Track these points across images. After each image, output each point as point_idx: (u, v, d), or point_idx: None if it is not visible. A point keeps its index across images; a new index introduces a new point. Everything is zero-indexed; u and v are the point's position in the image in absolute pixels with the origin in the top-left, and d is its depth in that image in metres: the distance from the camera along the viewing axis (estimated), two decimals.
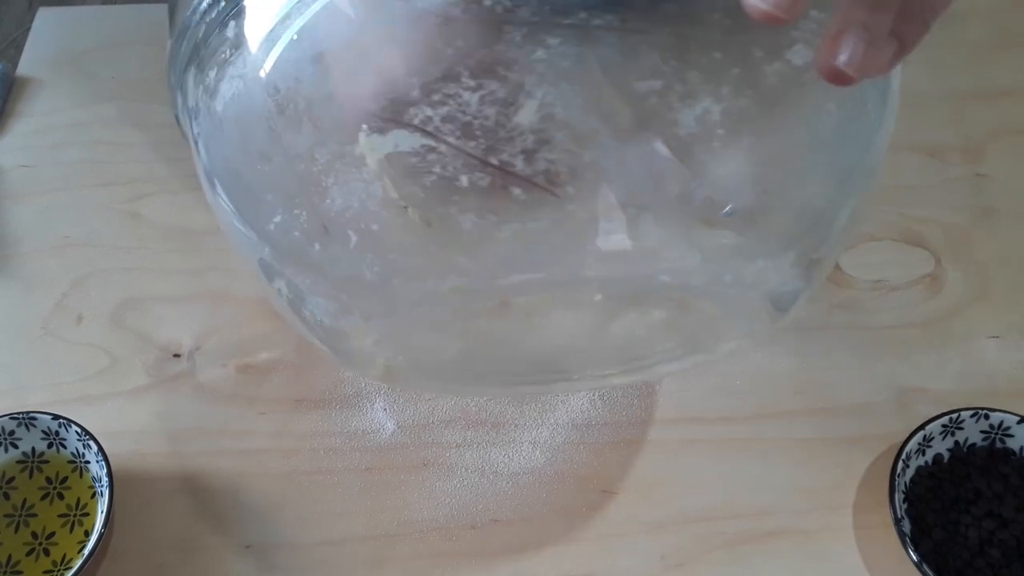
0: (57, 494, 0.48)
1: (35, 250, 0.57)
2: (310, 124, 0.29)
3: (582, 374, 0.38)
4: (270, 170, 0.31)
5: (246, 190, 0.32)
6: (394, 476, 0.49)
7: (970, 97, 0.63)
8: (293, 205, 0.31)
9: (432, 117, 0.27)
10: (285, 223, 0.31)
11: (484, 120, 0.27)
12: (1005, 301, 0.54)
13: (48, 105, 0.64)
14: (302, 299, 0.33)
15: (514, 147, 0.27)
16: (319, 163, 0.29)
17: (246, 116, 0.31)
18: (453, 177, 0.27)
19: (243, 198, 0.33)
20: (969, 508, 0.45)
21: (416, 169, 0.27)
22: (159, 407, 0.51)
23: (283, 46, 0.30)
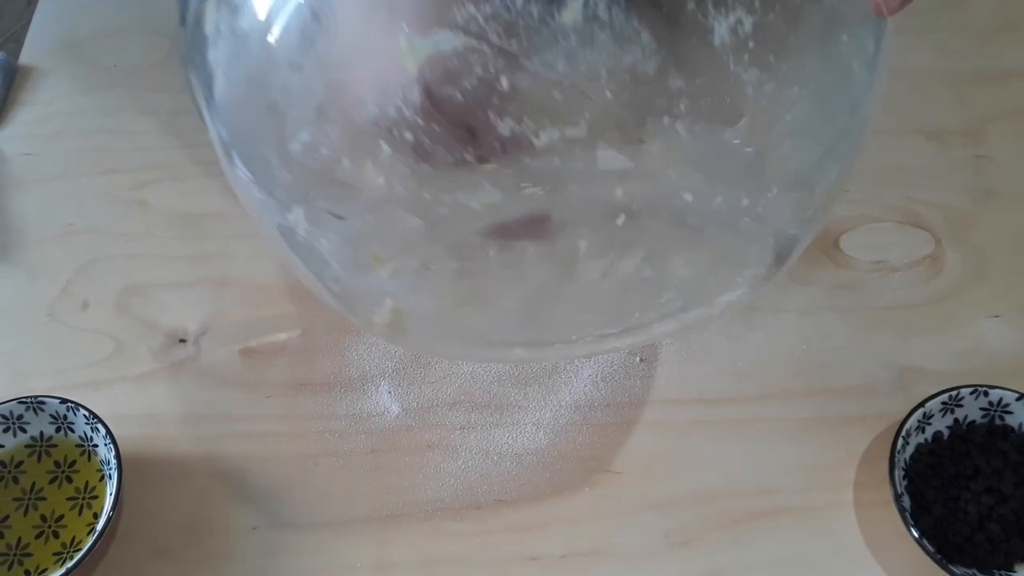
0: (66, 477, 0.48)
1: (39, 237, 0.58)
2: (347, 28, 0.29)
3: (580, 334, 0.38)
4: (300, 80, 0.30)
5: (271, 113, 0.31)
6: (399, 458, 0.49)
7: (971, 80, 0.63)
8: (324, 117, 0.30)
9: (475, 16, 0.27)
10: (314, 140, 0.30)
11: (528, 19, 0.27)
12: (1005, 281, 0.55)
13: (50, 93, 0.64)
14: (318, 236, 0.33)
15: (556, 49, 0.27)
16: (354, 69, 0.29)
17: (276, 27, 0.30)
18: (494, 79, 0.27)
19: (265, 130, 0.32)
20: (969, 484, 0.46)
21: (456, 72, 0.27)
22: (165, 392, 0.52)
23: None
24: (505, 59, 0.27)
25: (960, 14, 0.66)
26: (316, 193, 0.32)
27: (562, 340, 0.38)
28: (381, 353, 0.53)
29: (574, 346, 0.40)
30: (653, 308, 0.37)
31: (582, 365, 0.52)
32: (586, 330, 0.38)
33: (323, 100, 0.30)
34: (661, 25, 0.27)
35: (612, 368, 0.52)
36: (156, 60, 0.66)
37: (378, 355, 0.53)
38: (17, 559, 0.46)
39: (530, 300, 0.35)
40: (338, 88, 0.30)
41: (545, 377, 0.52)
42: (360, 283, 0.35)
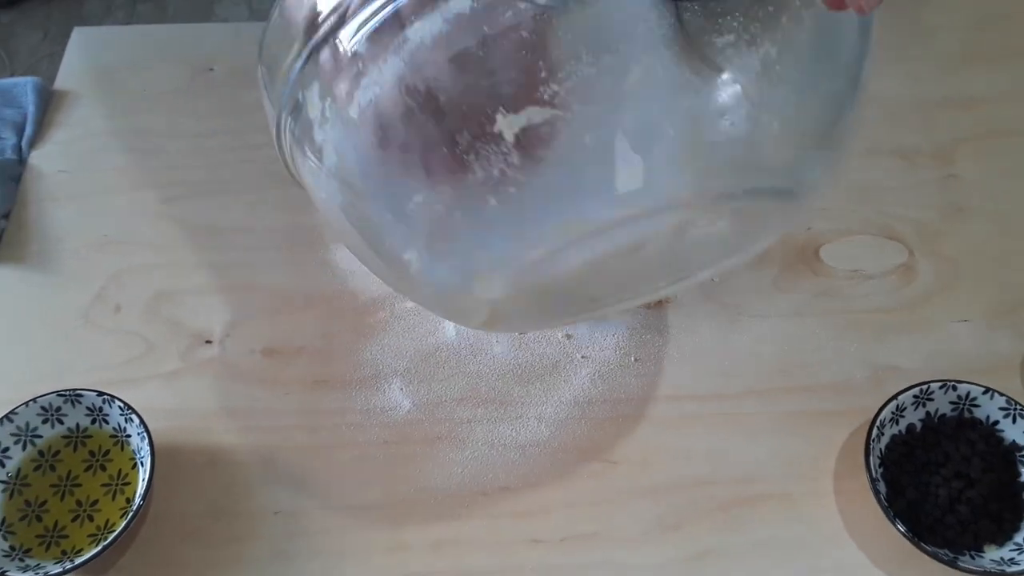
0: (100, 466, 0.52)
1: (75, 247, 0.62)
2: (452, 113, 0.34)
3: (638, 291, 0.45)
4: (409, 158, 0.36)
5: (384, 182, 0.38)
6: (411, 449, 0.53)
7: (941, 105, 0.68)
8: (435, 185, 0.36)
9: (558, 91, 0.32)
10: (427, 201, 0.36)
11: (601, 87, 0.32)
12: (972, 289, 0.59)
13: (84, 116, 0.69)
14: (434, 264, 0.39)
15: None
16: (460, 145, 0.34)
17: (384, 116, 0.36)
18: (579, 137, 0.33)
19: (380, 191, 0.38)
20: (939, 470, 0.50)
21: (547, 136, 0.33)
22: (193, 388, 0.56)
23: (416, 52, 0.34)
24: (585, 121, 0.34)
25: (930, 45, 0.71)
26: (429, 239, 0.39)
27: (626, 297, 0.45)
28: (393, 354, 0.57)
29: (628, 301, 0.47)
30: (704, 259, 0.43)
31: (581, 364, 0.56)
32: (645, 286, 0.44)
33: (433, 171, 0.36)
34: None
35: (609, 367, 0.56)
36: (181, 87, 0.71)
37: (391, 356, 0.57)
38: (54, 540, 0.50)
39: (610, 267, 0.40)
40: (445, 161, 0.35)
41: (546, 375, 0.56)
42: (463, 293, 0.41)
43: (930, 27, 0.73)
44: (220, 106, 0.69)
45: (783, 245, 0.61)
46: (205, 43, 0.74)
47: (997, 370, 0.55)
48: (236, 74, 0.71)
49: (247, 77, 0.70)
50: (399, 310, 0.59)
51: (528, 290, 0.40)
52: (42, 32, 1.82)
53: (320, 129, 0.39)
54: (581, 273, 0.39)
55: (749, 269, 0.60)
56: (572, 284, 0.41)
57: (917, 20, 0.74)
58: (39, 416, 0.52)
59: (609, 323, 0.58)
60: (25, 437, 0.52)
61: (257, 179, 0.65)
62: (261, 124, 0.51)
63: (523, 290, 0.40)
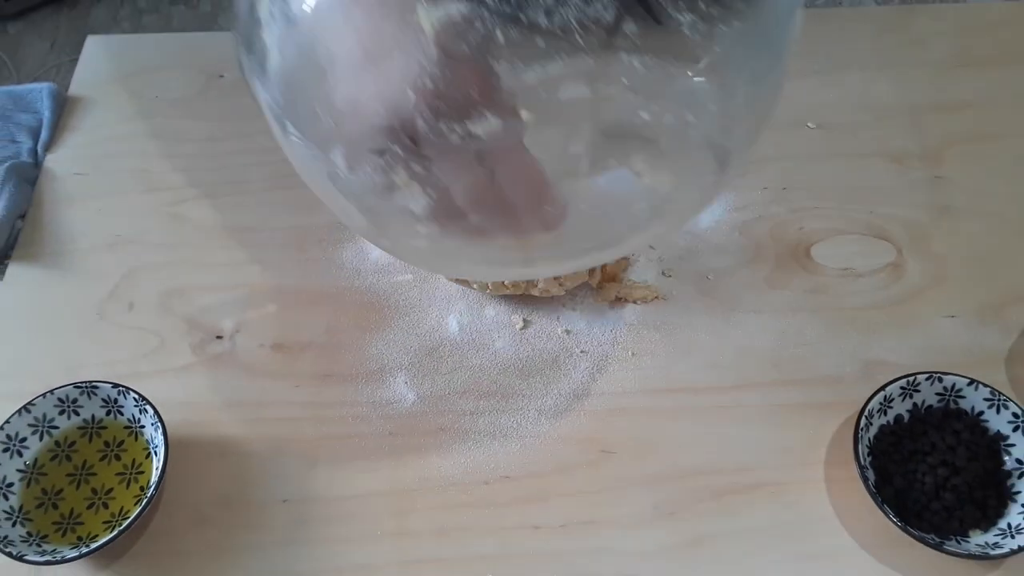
0: (114, 455, 0.54)
1: (90, 247, 0.64)
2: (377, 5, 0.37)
3: (567, 250, 0.45)
4: (343, 47, 0.38)
5: (319, 74, 0.39)
6: (415, 439, 0.55)
7: (930, 109, 0.70)
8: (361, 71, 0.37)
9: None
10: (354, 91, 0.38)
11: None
12: (959, 286, 0.61)
13: (97, 120, 0.71)
14: (355, 166, 0.40)
15: (538, 7, 0.35)
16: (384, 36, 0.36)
17: (320, 11, 0.38)
18: (491, 34, 0.35)
19: (314, 89, 0.40)
20: (926, 458, 0.51)
21: (462, 30, 0.35)
22: (204, 381, 0.57)
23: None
24: (501, 18, 0.35)
25: (919, 51, 0.74)
26: (359, 135, 0.39)
27: (552, 256, 0.45)
28: (398, 349, 0.59)
29: (562, 262, 0.47)
30: (624, 220, 0.44)
31: (580, 359, 0.58)
32: (572, 245, 0.45)
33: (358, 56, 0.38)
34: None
35: (607, 362, 0.58)
36: (193, 93, 0.73)
37: (396, 351, 0.59)
38: (70, 527, 0.51)
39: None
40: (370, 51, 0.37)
41: (546, 369, 0.58)
42: (391, 208, 0.42)
43: (920, 36, 0.75)
44: (230, 111, 0.71)
45: (775, 244, 0.63)
46: (215, 51, 0.76)
47: (983, 363, 0.56)
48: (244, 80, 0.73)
49: None
50: (403, 306, 0.61)
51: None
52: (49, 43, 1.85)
53: (267, 31, 0.40)
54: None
55: (742, 267, 0.62)
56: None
57: (907, 29, 0.76)
58: (56, 407, 0.54)
59: (607, 319, 0.60)
60: (42, 428, 0.53)
61: (266, 181, 0.67)
62: (269, 128, 0.52)
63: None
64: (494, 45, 0.35)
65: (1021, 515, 0.49)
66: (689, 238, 0.63)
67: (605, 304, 0.60)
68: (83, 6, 1.85)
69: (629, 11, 0.35)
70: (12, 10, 1.79)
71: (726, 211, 0.65)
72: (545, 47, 0.36)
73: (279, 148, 0.49)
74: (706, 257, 0.63)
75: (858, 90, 0.71)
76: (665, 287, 0.61)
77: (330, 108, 0.39)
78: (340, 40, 0.38)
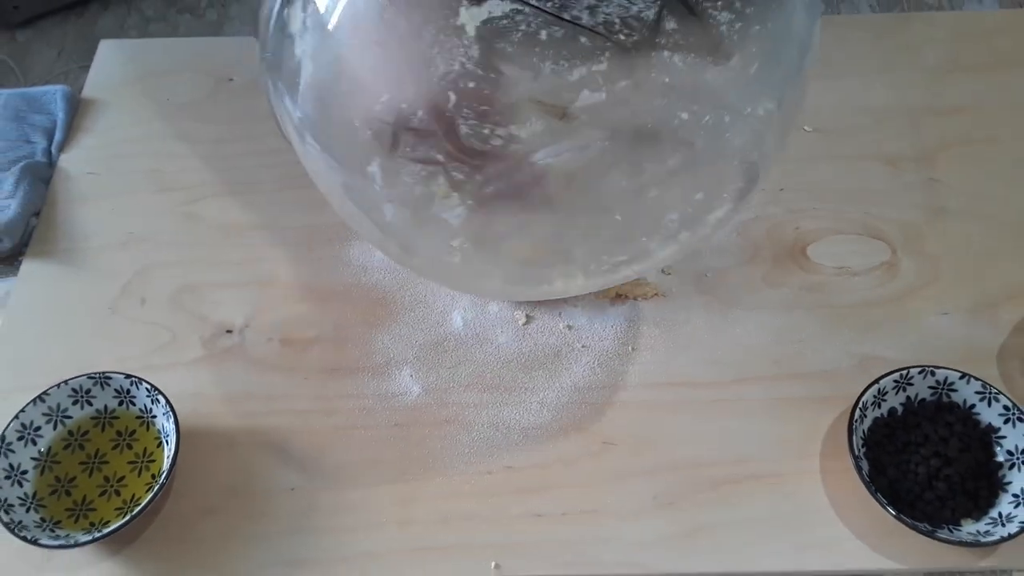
0: (126, 444, 0.55)
1: (102, 244, 0.65)
2: (418, 9, 0.37)
3: (598, 263, 0.46)
4: (382, 54, 0.38)
5: (352, 84, 0.40)
6: (420, 431, 0.56)
7: (925, 113, 0.72)
8: (403, 80, 0.38)
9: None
10: (392, 100, 0.39)
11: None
12: (953, 284, 0.62)
13: (110, 122, 0.73)
14: (394, 181, 0.41)
15: (581, 4, 0.35)
16: (426, 39, 0.37)
17: (358, 19, 0.39)
18: (535, 33, 0.36)
19: (352, 106, 0.40)
20: (919, 449, 0.52)
21: (506, 29, 0.36)
22: (214, 374, 0.59)
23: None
24: (542, 17, 0.36)
25: (914, 56, 0.75)
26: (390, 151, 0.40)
27: (582, 271, 0.46)
28: (404, 343, 0.60)
29: (593, 277, 0.48)
30: (657, 231, 0.44)
31: (581, 353, 0.59)
32: (602, 259, 0.46)
33: (404, 65, 0.38)
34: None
35: (608, 356, 0.59)
36: (204, 96, 0.75)
37: (401, 345, 0.60)
38: (83, 513, 0.53)
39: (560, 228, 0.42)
40: (415, 54, 0.38)
41: (548, 362, 0.59)
42: (426, 219, 0.43)
43: (915, 41, 0.77)
44: (239, 114, 0.73)
45: (772, 244, 0.64)
46: (224, 55, 0.77)
47: (975, 359, 0.58)
48: (254, 84, 0.75)
49: None
50: (409, 302, 0.62)
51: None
52: (57, 51, 1.87)
53: (300, 42, 0.41)
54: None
55: (740, 266, 0.63)
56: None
57: (903, 34, 0.77)
58: (70, 397, 0.55)
59: (608, 315, 0.61)
60: (56, 417, 0.55)
61: (275, 181, 0.68)
62: (282, 135, 0.54)
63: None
64: (538, 44, 0.36)
65: (1011, 504, 0.50)
66: None
67: (606, 301, 0.62)
68: (91, 14, 1.87)
69: (670, 8, 0.36)
70: (20, 18, 1.81)
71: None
72: (588, 45, 0.36)
73: (288, 150, 0.51)
74: (705, 256, 0.64)
75: (855, 95, 0.73)
76: (665, 285, 0.62)
77: (368, 118, 0.40)
78: (379, 47, 0.39)
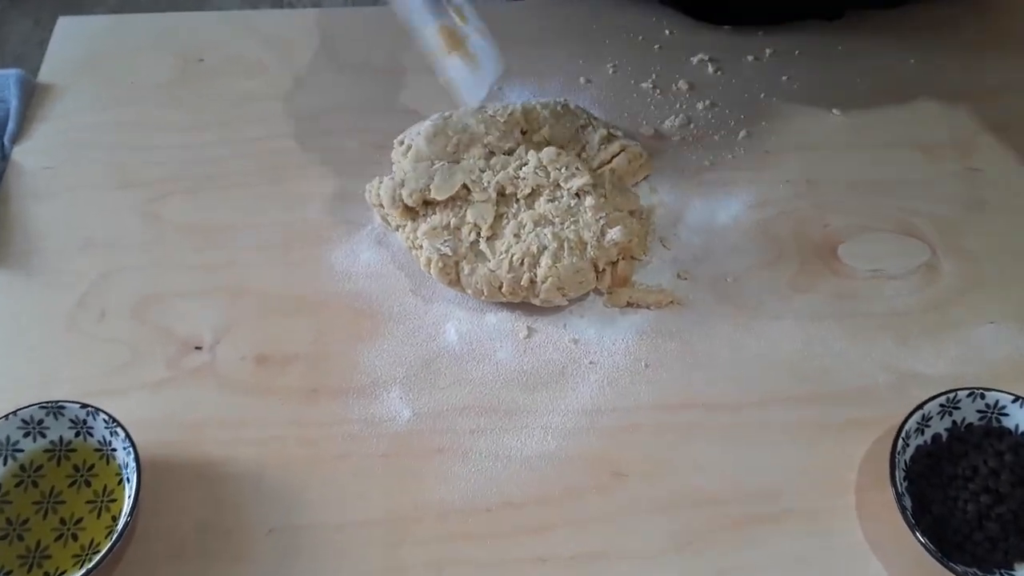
0: (84, 481, 0.50)
1: (58, 248, 0.59)
2: None
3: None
4: None
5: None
6: (411, 461, 0.51)
7: (961, 95, 0.65)
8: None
9: None
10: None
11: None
12: (999, 289, 0.56)
13: (68, 109, 0.66)
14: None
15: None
16: None
17: None
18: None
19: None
20: (967, 484, 0.47)
21: None
22: (181, 398, 0.53)
23: None
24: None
25: (949, 32, 0.68)
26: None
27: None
28: (392, 360, 0.54)
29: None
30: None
31: (589, 371, 0.54)
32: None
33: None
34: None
35: (618, 373, 0.54)
36: (172, 78, 0.68)
37: (389, 362, 0.54)
38: (37, 561, 0.47)
39: None
40: None
41: (552, 382, 0.53)
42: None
43: (949, 13, 0.70)
44: (211, 98, 0.66)
45: (799, 243, 0.58)
46: (195, 32, 0.71)
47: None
48: (228, 64, 0.69)
49: (239, 67, 0.69)
50: (398, 313, 0.56)
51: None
52: (33, 19, 1.79)
53: None
54: None
55: (764, 269, 0.57)
56: None
57: (932, 10, 0.70)
58: (20, 429, 0.49)
59: (618, 327, 0.55)
60: (6, 451, 0.49)
61: (250, 174, 0.62)
62: (255, 116, 0.48)
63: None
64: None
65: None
66: (705, 236, 0.59)
67: (616, 310, 0.56)
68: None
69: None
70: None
71: (745, 207, 0.60)
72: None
73: (263, 138, 0.44)
74: (724, 258, 0.58)
75: (881, 75, 0.66)
76: (680, 291, 0.57)
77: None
78: None
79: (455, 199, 0.56)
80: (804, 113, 0.64)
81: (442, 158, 0.57)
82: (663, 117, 0.64)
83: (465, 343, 0.55)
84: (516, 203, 0.56)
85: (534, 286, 0.53)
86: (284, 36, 0.70)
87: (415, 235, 0.56)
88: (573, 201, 0.55)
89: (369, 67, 0.68)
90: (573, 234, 0.54)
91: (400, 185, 0.56)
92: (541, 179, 0.55)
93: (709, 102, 0.65)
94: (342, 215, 0.60)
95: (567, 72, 0.67)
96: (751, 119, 0.64)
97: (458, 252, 0.54)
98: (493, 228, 0.55)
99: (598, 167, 0.59)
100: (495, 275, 0.53)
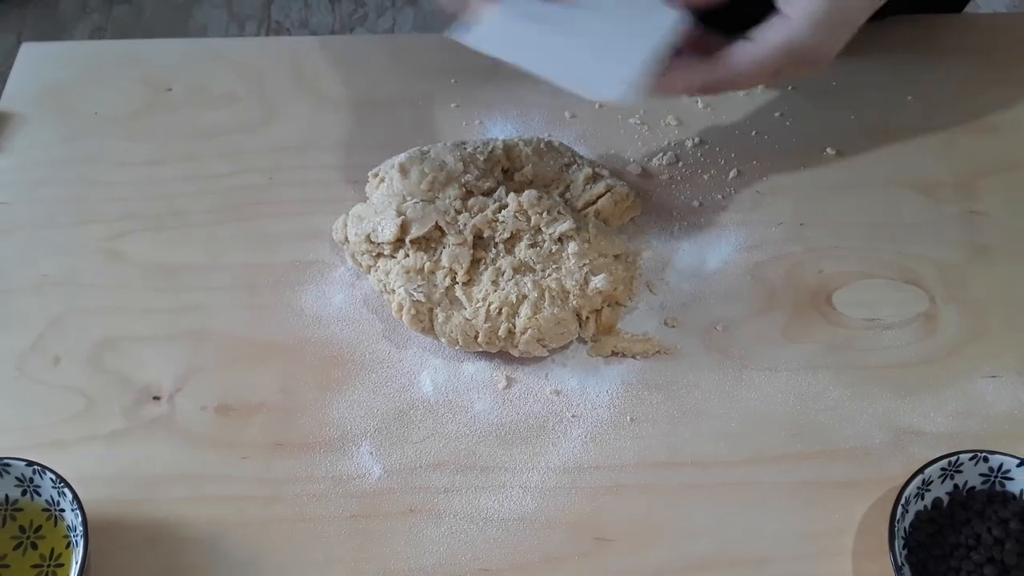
0: (31, 543, 0.46)
1: (11, 288, 0.56)
2: None
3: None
4: None
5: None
6: (380, 523, 0.48)
7: (961, 132, 0.63)
8: None
9: None
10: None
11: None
12: (1001, 340, 0.54)
13: (29, 141, 0.63)
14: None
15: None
16: None
17: None
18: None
19: None
20: (970, 554, 0.44)
21: None
22: (136, 452, 0.50)
23: None
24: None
25: (948, 68, 0.66)
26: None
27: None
28: (363, 412, 0.51)
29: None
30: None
31: (571, 425, 0.51)
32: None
33: None
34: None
35: (602, 428, 0.51)
36: (137, 108, 0.65)
37: (360, 414, 0.51)
38: None
39: None
40: None
41: (533, 437, 0.50)
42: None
43: (948, 48, 0.68)
44: (178, 130, 0.63)
45: (792, 289, 0.56)
46: (164, 60, 0.68)
47: None
48: (196, 94, 0.66)
49: (207, 97, 0.66)
50: (370, 361, 0.53)
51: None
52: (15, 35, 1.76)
53: None
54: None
55: (756, 316, 0.55)
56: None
57: (932, 42, 0.68)
58: None
59: (602, 377, 0.52)
60: None
61: (215, 212, 0.59)
62: (222, 150, 0.44)
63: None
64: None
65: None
66: (694, 282, 0.56)
67: (600, 359, 0.53)
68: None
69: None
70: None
71: (736, 250, 0.57)
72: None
73: (231, 173, 0.41)
74: (714, 304, 0.55)
75: (879, 113, 0.64)
76: (668, 340, 0.54)
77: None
78: None
79: (429, 240, 0.53)
80: (797, 151, 0.62)
81: (415, 195, 0.54)
82: (651, 155, 0.62)
83: (441, 394, 0.52)
84: (494, 247, 0.53)
85: (512, 337, 0.50)
86: (256, 65, 0.67)
87: (387, 278, 0.53)
88: (555, 247, 0.52)
89: (344, 99, 0.65)
90: (555, 283, 0.51)
91: (367, 221, 0.53)
92: (521, 223, 0.52)
93: (698, 139, 0.62)
94: (313, 255, 0.57)
95: (551, 106, 0.64)
96: (742, 157, 0.62)
97: (432, 298, 0.51)
98: (470, 273, 0.52)
99: (583, 207, 0.56)
100: (471, 324, 0.51)
